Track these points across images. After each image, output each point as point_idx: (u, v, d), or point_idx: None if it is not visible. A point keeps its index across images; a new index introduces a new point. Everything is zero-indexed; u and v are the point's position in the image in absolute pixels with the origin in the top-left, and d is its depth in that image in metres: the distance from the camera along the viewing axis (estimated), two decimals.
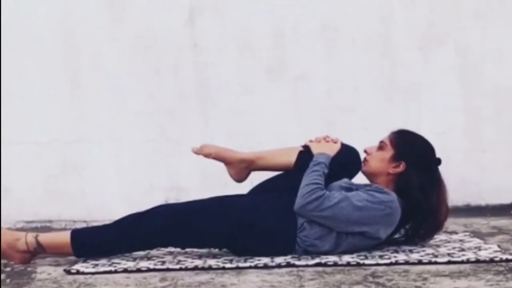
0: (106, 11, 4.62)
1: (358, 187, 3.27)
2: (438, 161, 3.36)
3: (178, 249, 3.41)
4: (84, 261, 3.22)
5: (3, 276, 3.04)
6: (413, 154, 3.34)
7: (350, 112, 4.60)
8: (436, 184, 3.32)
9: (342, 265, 3.03)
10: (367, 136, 3.59)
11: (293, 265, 3.04)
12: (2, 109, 4.57)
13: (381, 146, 3.39)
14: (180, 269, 3.05)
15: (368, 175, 3.39)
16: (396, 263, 3.04)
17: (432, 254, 3.19)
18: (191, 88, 4.63)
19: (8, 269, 3.18)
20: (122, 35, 4.62)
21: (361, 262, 3.05)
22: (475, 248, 3.31)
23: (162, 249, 3.43)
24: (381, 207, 3.17)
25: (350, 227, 3.18)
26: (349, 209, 3.15)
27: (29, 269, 3.16)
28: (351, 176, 3.38)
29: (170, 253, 3.40)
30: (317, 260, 3.09)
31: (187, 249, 3.41)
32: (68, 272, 3.04)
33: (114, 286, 2.81)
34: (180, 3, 4.62)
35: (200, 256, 3.28)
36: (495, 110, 4.62)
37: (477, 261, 3.04)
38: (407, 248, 3.32)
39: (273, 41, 4.63)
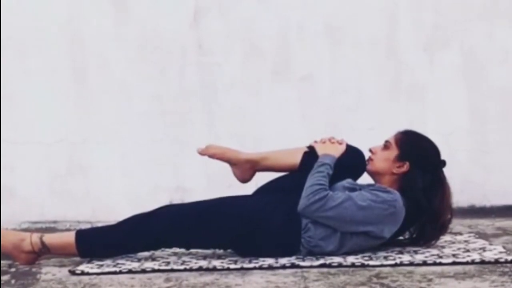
0: (112, 11, 4.62)
1: (361, 187, 3.27)
2: (443, 164, 3.35)
3: (183, 250, 3.41)
4: (89, 262, 3.22)
5: (8, 277, 3.05)
6: (418, 155, 3.33)
7: (355, 113, 4.60)
8: (439, 187, 3.32)
9: (346, 266, 3.03)
10: (372, 137, 3.58)
11: (298, 266, 3.04)
12: (7, 109, 4.57)
13: (386, 146, 3.39)
14: (185, 269, 3.05)
15: (372, 174, 3.39)
16: (401, 264, 3.04)
17: (437, 255, 3.18)
18: (196, 89, 4.62)
19: (13, 269, 3.18)
20: (127, 36, 4.62)
21: (366, 263, 3.05)
22: (480, 249, 3.31)
23: (167, 249, 3.44)
24: (385, 206, 3.17)
25: (354, 227, 3.18)
26: (353, 209, 3.15)
27: (34, 269, 3.16)
28: (356, 177, 3.37)
29: (175, 253, 3.40)
30: (321, 261, 3.09)
31: (192, 250, 3.41)
32: (73, 272, 3.05)
33: (119, 287, 2.81)
34: (185, 4, 4.62)
35: (204, 257, 3.29)
36: (500, 111, 4.61)
37: (482, 262, 3.03)
38: (411, 249, 3.32)
39: (278, 42, 4.63)
